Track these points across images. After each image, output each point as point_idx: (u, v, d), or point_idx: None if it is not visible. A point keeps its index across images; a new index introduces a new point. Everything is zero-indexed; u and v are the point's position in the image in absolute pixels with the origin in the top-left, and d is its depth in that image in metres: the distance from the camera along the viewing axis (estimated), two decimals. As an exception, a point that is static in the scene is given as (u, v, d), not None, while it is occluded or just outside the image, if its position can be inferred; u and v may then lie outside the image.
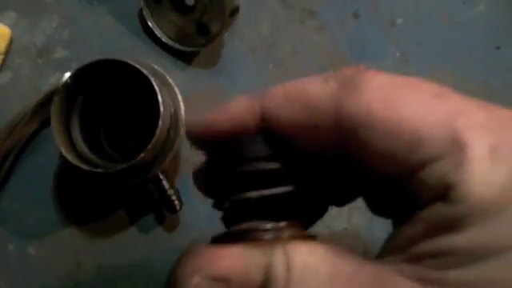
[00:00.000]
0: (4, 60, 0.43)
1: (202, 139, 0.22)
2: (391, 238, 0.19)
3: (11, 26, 0.44)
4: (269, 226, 0.20)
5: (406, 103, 0.17)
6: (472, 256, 0.16)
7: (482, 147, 0.16)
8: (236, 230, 0.21)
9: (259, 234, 0.20)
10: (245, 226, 0.21)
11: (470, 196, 0.16)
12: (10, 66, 0.43)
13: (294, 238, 0.20)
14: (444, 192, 0.17)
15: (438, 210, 0.17)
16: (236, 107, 0.21)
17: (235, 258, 0.19)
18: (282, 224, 0.20)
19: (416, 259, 0.17)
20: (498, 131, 0.17)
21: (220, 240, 0.21)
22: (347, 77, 0.18)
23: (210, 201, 0.41)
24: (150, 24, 0.42)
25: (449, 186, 0.17)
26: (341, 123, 0.18)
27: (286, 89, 0.20)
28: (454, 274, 0.16)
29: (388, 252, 0.18)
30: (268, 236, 0.20)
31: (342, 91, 0.18)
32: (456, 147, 0.17)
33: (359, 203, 0.24)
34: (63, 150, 0.34)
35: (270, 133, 0.20)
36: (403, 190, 0.18)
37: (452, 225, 0.17)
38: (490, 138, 0.17)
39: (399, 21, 0.44)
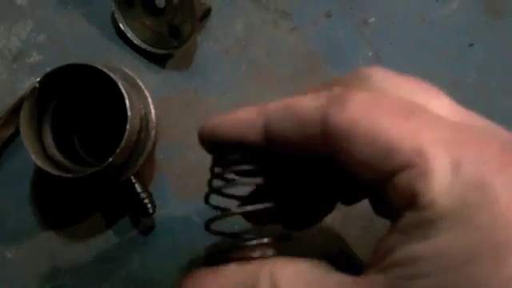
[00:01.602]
0: (-21, 65, 0.43)
1: (207, 141, 0.25)
2: (376, 247, 0.20)
3: (-14, 32, 0.44)
4: (254, 242, 0.23)
5: (382, 119, 0.20)
6: (436, 265, 0.17)
7: (445, 160, 0.18)
8: (225, 247, 0.24)
9: (246, 252, 0.23)
10: (231, 243, 0.23)
11: (433, 204, 0.18)
12: (-14, 71, 0.44)
13: (278, 254, 0.23)
14: (411, 200, 0.19)
15: (408, 218, 0.19)
16: (243, 117, 0.24)
17: (226, 280, 0.22)
18: (266, 240, 0.23)
19: (389, 268, 0.19)
20: (460, 147, 0.19)
21: (212, 258, 0.24)
22: (335, 94, 0.21)
23: (184, 204, 0.41)
24: (122, 27, 0.43)
25: (415, 193, 0.18)
26: (327, 134, 0.21)
27: (285, 105, 0.23)
28: (421, 283, 0.17)
29: (371, 261, 0.20)
30: (255, 254, 0.23)
31: (329, 106, 0.21)
32: (422, 159, 0.18)
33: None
34: (33, 156, 0.35)
35: (269, 144, 0.23)
36: (384, 198, 0.20)
37: (419, 232, 0.18)
38: (452, 153, 0.18)
39: (372, 20, 0.44)
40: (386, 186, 0.20)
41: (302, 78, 0.43)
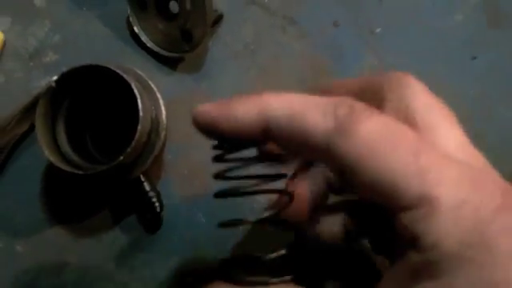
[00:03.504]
0: (-4, 63, 0.45)
1: (203, 131, 0.23)
2: (384, 280, 0.20)
3: (5, 31, 0.45)
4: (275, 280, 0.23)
5: (388, 155, 0.19)
6: None
7: (449, 202, 0.18)
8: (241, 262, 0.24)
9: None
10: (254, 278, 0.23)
11: (437, 245, 0.18)
12: (2, 70, 0.45)
13: None
14: (414, 241, 0.19)
15: (412, 257, 0.19)
16: (240, 116, 0.22)
17: None
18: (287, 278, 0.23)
19: None
20: (465, 188, 0.19)
21: (227, 271, 0.23)
22: (342, 117, 0.20)
23: (190, 204, 0.42)
24: (136, 30, 0.44)
25: (417, 234, 0.19)
26: (331, 160, 0.20)
27: (290, 114, 0.21)
28: None
29: None
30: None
31: (335, 134, 0.20)
32: (425, 200, 0.19)
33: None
34: (46, 152, 0.36)
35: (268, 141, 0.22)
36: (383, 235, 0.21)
37: (423, 273, 0.18)
38: (457, 195, 0.19)
39: (378, 30, 0.45)
40: (391, 218, 0.20)
41: (308, 84, 0.44)
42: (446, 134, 0.22)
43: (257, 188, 0.24)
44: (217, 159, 0.23)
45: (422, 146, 0.20)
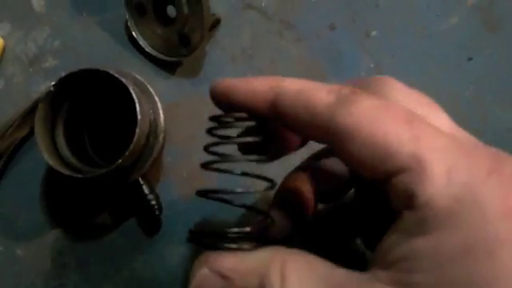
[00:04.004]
0: (-4, 68, 0.45)
1: (218, 98, 0.26)
2: (378, 246, 0.22)
3: (5, 37, 0.46)
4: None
5: (384, 125, 0.21)
6: (434, 260, 0.19)
7: (441, 166, 0.20)
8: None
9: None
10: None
11: (429, 203, 0.20)
12: (2, 75, 0.45)
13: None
14: (409, 200, 0.20)
15: (406, 217, 0.20)
16: (255, 87, 0.25)
17: (238, 262, 0.22)
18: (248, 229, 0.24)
19: (391, 265, 0.20)
20: (457, 153, 0.21)
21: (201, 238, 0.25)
22: (345, 94, 0.23)
23: (189, 207, 0.42)
24: (134, 35, 0.44)
25: (412, 194, 0.20)
26: (332, 130, 0.22)
27: (300, 89, 0.24)
28: (421, 277, 0.19)
29: (375, 259, 0.22)
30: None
31: (337, 105, 0.22)
32: (418, 164, 0.20)
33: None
34: (45, 156, 0.36)
35: (274, 116, 0.25)
36: (382, 198, 0.22)
37: (417, 229, 0.20)
38: (447, 160, 0.20)
39: (374, 33, 0.45)
40: (385, 186, 0.21)
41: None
42: (435, 118, 0.23)
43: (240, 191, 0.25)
44: (209, 131, 0.26)
45: (415, 117, 0.22)
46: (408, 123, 0.21)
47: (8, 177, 0.43)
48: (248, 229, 0.24)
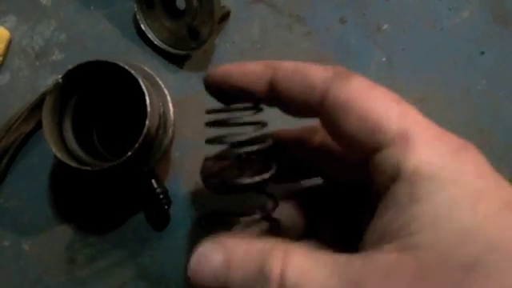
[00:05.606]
0: (3, 62, 0.45)
1: (215, 84, 0.28)
2: (370, 228, 0.23)
3: (12, 30, 0.46)
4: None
5: (375, 100, 0.23)
6: (431, 220, 0.20)
7: (424, 139, 0.22)
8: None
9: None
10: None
11: (416, 172, 0.21)
12: (9, 68, 0.45)
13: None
14: (395, 173, 0.21)
15: (394, 191, 0.21)
16: (251, 68, 0.26)
17: (238, 243, 0.23)
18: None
19: (393, 237, 0.21)
20: (436, 130, 0.22)
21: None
22: (340, 71, 0.24)
23: (197, 201, 0.42)
24: (143, 28, 0.44)
25: (398, 166, 0.21)
26: (327, 103, 0.24)
27: (297, 66, 0.25)
28: (422, 237, 0.20)
29: (371, 241, 0.22)
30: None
31: (334, 80, 0.24)
32: (405, 136, 0.22)
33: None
34: (53, 148, 0.35)
35: (270, 96, 0.26)
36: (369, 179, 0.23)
37: (410, 198, 0.21)
38: (430, 133, 0.22)
39: (385, 26, 0.45)
40: (371, 164, 0.23)
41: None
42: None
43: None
44: (208, 124, 0.27)
45: (402, 99, 0.23)
46: (397, 102, 0.23)
47: (14, 171, 0.43)
48: (258, 216, 0.26)
